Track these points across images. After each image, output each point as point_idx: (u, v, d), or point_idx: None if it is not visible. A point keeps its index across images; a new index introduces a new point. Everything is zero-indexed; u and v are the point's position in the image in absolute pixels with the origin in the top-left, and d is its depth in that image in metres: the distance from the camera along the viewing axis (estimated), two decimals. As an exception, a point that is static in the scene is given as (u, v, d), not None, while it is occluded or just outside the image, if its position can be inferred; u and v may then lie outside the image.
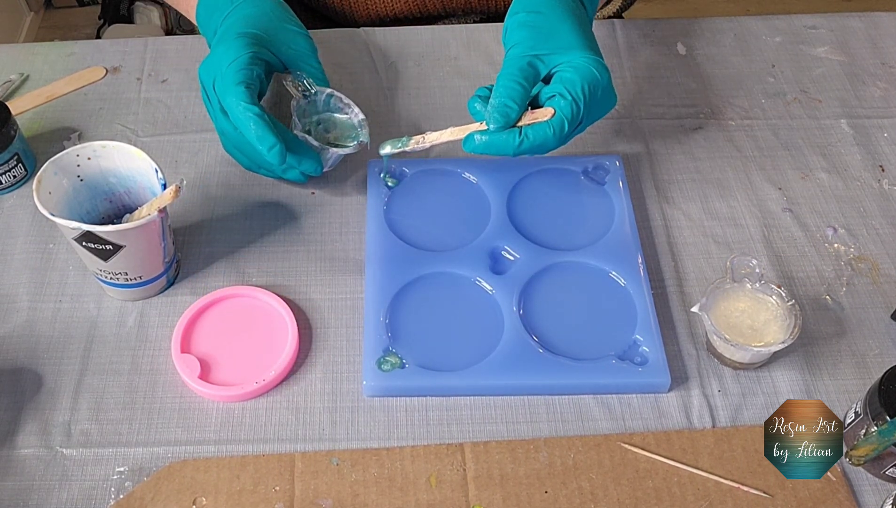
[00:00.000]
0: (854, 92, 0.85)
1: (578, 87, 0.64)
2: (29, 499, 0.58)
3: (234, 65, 0.67)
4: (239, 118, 0.65)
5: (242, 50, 0.68)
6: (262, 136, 0.65)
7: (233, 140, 0.70)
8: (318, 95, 0.73)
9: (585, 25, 0.69)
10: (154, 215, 0.61)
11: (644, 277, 0.68)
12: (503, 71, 0.65)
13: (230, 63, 0.67)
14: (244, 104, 0.65)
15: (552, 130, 0.64)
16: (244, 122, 0.65)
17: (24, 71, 0.86)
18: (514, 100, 0.64)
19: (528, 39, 0.66)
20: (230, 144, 0.71)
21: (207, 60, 0.70)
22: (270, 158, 0.66)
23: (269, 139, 0.65)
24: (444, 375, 0.63)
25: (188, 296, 0.69)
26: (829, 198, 0.76)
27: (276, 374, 0.63)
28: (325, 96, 0.73)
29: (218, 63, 0.68)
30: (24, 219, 0.74)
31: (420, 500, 0.58)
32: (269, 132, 0.65)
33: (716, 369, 0.65)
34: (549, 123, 0.64)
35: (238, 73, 0.66)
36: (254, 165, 0.72)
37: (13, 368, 0.65)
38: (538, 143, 0.64)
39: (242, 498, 0.58)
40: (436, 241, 0.71)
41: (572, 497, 0.59)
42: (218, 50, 0.69)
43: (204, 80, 0.69)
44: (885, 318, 0.68)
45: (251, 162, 0.72)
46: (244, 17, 0.71)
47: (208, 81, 0.69)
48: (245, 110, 0.65)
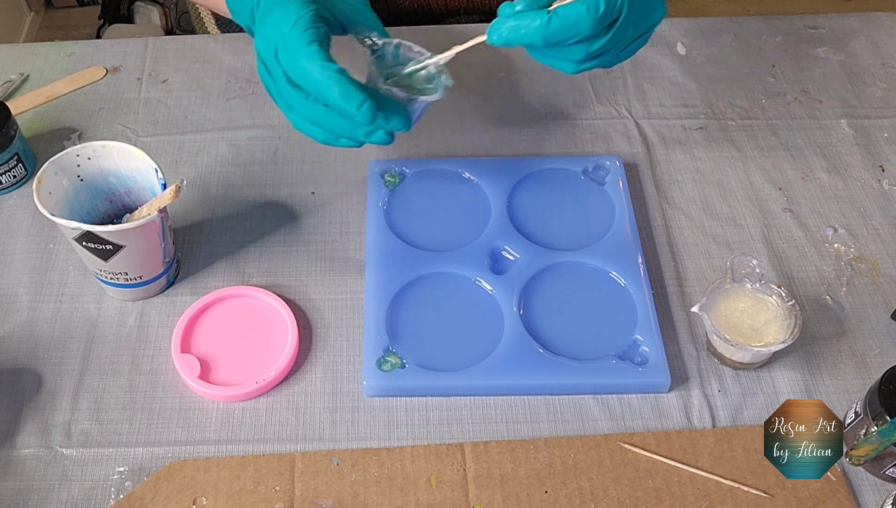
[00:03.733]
0: (854, 92, 0.85)
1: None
2: (29, 499, 0.58)
3: (299, 25, 0.60)
4: (318, 80, 0.59)
5: (302, 10, 0.61)
6: (349, 93, 0.58)
7: (305, 112, 0.62)
8: (385, 48, 0.65)
9: None
10: (154, 215, 0.61)
11: (644, 277, 0.68)
12: None
13: (293, 25, 0.60)
14: (321, 63, 0.58)
15: (585, 7, 0.56)
16: (324, 82, 0.58)
17: (24, 71, 0.86)
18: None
19: None
20: (301, 118, 0.63)
21: (261, 32, 0.63)
22: (361, 117, 0.59)
23: (357, 95, 0.58)
24: (444, 375, 0.63)
25: (188, 296, 0.69)
26: (829, 198, 0.76)
27: (276, 374, 0.63)
28: (392, 48, 0.66)
29: (276, 29, 0.61)
30: (24, 219, 0.74)
31: (420, 500, 0.58)
32: (355, 88, 0.58)
33: (716, 369, 0.65)
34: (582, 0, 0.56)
35: (305, 32, 0.59)
36: (332, 135, 0.64)
37: (13, 368, 0.65)
38: (569, 22, 0.56)
39: (242, 498, 0.58)
40: (436, 241, 0.71)
41: (572, 497, 0.59)
42: (272, 17, 0.62)
43: (263, 52, 0.63)
44: (885, 318, 0.68)
45: (329, 132, 0.64)
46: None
47: (268, 51, 0.62)
48: (324, 69, 0.58)
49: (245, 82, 0.85)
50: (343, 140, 0.64)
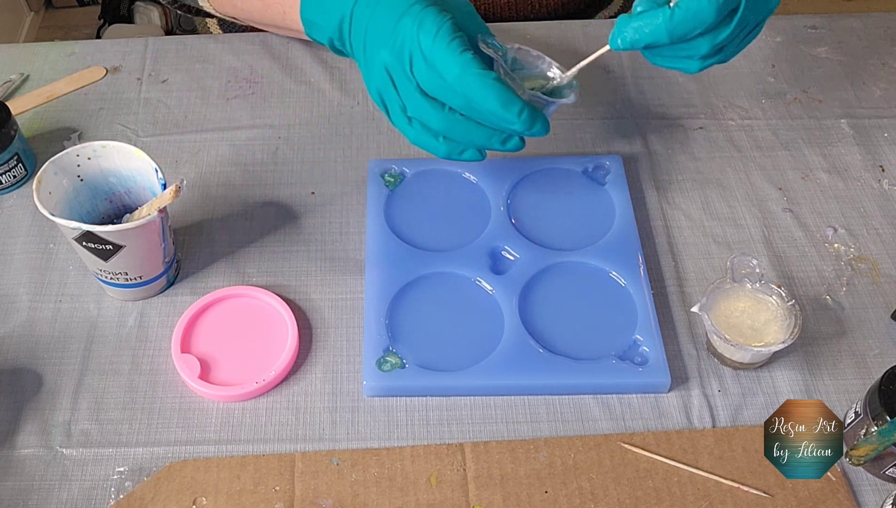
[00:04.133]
0: (854, 92, 0.85)
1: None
2: (29, 499, 0.58)
3: (443, 35, 0.58)
4: (475, 88, 0.57)
5: (440, 18, 0.59)
6: (509, 100, 0.58)
7: (437, 124, 0.61)
8: (507, 54, 0.65)
9: None
10: (154, 215, 0.61)
11: (644, 277, 0.68)
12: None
13: (435, 35, 0.58)
14: (480, 71, 0.57)
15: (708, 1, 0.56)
16: (483, 91, 0.57)
17: (24, 71, 0.86)
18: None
19: None
20: (424, 133, 0.62)
21: (387, 41, 0.60)
22: (519, 125, 0.59)
23: (517, 102, 0.58)
24: (444, 375, 0.63)
25: (188, 296, 0.69)
26: (829, 198, 0.76)
27: (276, 374, 0.63)
28: (512, 53, 0.65)
29: (412, 40, 0.59)
30: (24, 219, 0.74)
31: (420, 500, 0.58)
32: (514, 95, 0.58)
33: (716, 369, 0.65)
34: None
35: (453, 42, 0.58)
36: (457, 148, 0.63)
37: (13, 368, 0.65)
38: (692, 13, 0.57)
39: (242, 498, 0.58)
40: (436, 241, 0.71)
41: (572, 497, 0.59)
42: (403, 26, 0.59)
43: (392, 65, 0.60)
44: (885, 318, 0.68)
45: (455, 145, 0.63)
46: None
47: (399, 63, 0.60)
48: (484, 77, 0.57)
49: (245, 82, 0.85)
50: (468, 152, 0.63)
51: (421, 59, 0.59)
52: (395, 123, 0.64)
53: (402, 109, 0.62)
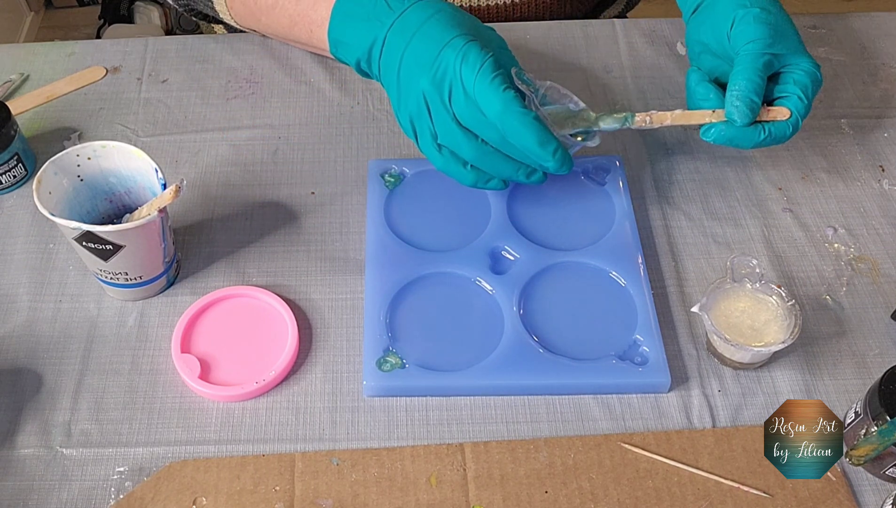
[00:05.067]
0: (854, 92, 0.85)
1: (811, 91, 0.67)
2: (29, 499, 0.58)
3: (486, 71, 0.60)
4: (515, 126, 0.60)
5: (483, 55, 0.61)
6: (546, 139, 0.61)
7: (468, 154, 0.63)
8: (538, 90, 0.67)
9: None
10: (154, 215, 0.61)
11: (644, 277, 0.68)
12: (746, 64, 0.65)
13: (479, 70, 0.60)
14: (520, 109, 0.60)
15: (791, 129, 0.66)
16: (521, 129, 0.60)
17: (24, 71, 0.86)
18: (759, 95, 0.65)
19: (767, 37, 0.66)
20: (452, 161, 0.64)
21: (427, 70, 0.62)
22: (553, 164, 0.62)
23: (553, 141, 0.61)
24: (444, 375, 0.63)
25: (188, 296, 0.69)
26: (829, 198, 0.76)
27: (276, 374, 0.63)
28: (543, 90, 0.67)
29: (453, 72, 0.61)
30: (24, 219, 0.74)
31: (420, 500, 0.58)
32: (551, 135, 0.61)
33: (716, 369, 0.65)
34: (788, 123, 0.66)
35: (496, 79, 0.60)
36: (484, 177, 0.66)
37: (13, 368, 0.65)
38: (776, 138, 0.66)
39: (242, 498, 0.58)
40: (436, 241, 0.71)
41: (572, 497, 0.59)
42: (445, 57, 0.61)
43: (431, 93, 0.62)
44: (885, 318, 0.68)
45: (483, 174, 0.65)
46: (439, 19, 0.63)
47: (437, 93, 0.62)
48: (524, 116, 0.60)
49: (245, 82, 0.85)
50: (493, 182, 0.66)
51: (461, 91, 0.61)
52: (422, 148, 0.66)
53: (433, 137, 0.64)
